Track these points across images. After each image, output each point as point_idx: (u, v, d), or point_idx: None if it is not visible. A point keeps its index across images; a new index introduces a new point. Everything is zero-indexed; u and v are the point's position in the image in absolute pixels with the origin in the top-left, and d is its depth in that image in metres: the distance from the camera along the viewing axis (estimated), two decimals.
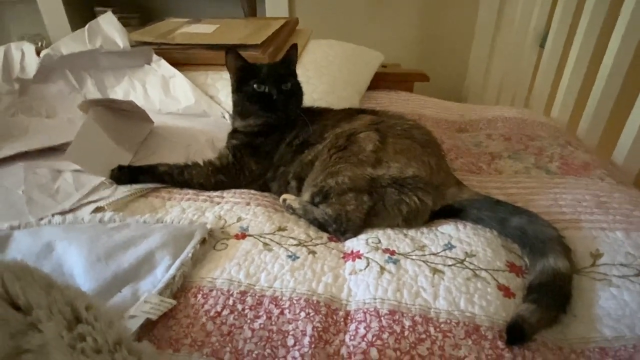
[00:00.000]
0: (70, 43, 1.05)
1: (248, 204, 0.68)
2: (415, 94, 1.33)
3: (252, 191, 0.73)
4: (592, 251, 0.57)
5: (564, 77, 1.19)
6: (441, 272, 0.53)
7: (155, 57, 1.05)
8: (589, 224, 0.62)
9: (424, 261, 0.55)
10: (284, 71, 0.76)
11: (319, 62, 1.13)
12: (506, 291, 0.51)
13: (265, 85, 0.72)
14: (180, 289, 0.50)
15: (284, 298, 0.50)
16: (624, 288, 0.51)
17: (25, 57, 1.07)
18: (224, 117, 1.00)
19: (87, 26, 1.07)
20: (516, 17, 1.50)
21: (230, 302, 0.49)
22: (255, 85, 0.73)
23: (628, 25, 0.93)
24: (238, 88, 0.76)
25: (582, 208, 0.66)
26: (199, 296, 0.50)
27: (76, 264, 0.50)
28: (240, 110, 0.78)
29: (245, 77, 0.74)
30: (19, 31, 2.03)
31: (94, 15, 1.80)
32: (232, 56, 0.74)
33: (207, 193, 0.72)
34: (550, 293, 0.49)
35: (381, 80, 1.28)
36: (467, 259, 0.56)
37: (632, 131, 0.89)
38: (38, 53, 1.07)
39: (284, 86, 0.73)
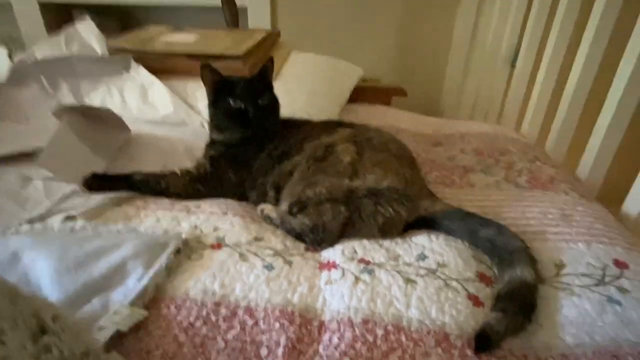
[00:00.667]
0: (45, 48, 1.03)
1: (225, 213, 0.68)
2: (393, 107, 1.37)
3: (230, 201, 0.73)
4: (556, 262, 0.59)
5: (533, 94, 1.25)
6: (414, 282, 0.55)
7: (134, 64, 1.05)
8: (553, 236, 0.65)
9: (397, 271, 0.57)
10: (260, 85, 0.76)
11: (300, 74, 1.15)
12: (475, 300, 0.53)
13: (242, 102, 0.73)
14: (152, 299, 0.50)
15: (258, 309, 0.50)
16: (585, 297, 0.53)
17: None
18: (203, 126, 0.99)
19: (64, 31, 1.05)
20: (489, 36, 1.57)
21: (204, 313, 0.49)
22: (231, 101, 0.73)
23: (591, 46, 0.99)
24: (214, 103, 0.77)
25: (547, 220, 0.69)
26: (172, 307, 0.49)
27: (44, 274, 0.49)
28: (216, 124, 0.78)
29: (221, 91, 0.75)
30: None
31: (72, 20, 1.78)
32: (208, 70, 0.74)
33: (183, 202, 0.71)
34: (517, 302, 0.51)
35: (361, 94, 1.30)
36: (439, 269, 0.57)
37: (594, 147, 0.94)
38: (10, 57, 1.05)
39: (260, 101, 0.74)
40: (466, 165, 0.93)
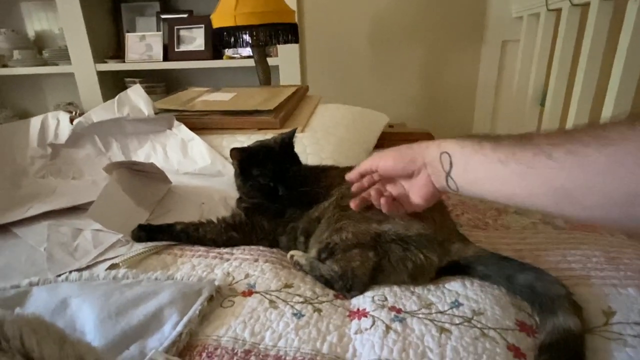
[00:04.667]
0: (100, 112, 1.16)
1: (256, 260, 0.70)
2: None
3: (261, 247, 0.75)
4: (604, 309, 0.55)
5: None
6: (448, 331, 0.52)
7: (176, 122, 1.15)
8: (599, 281, 0.61)
9: (430, 320, 0.55)
10: (286, 158, 0.78)
11: (327, 124, 1.20)
12: (516, 352, 0.50)
13: (270, 179, 0.74)
14: (186, 346, 0.51)
15: (287, 358, 0.49)
16: None
17: (60, 124, 1.18)
18: None
19: (117, 97, 1.18)
20: (515, 77, 1.58)
21: None
22: (260, 180, 0.75)
23: (621, 81, 0.97)
24: (242, 177, 0.79)
25: (591, 264, 0.65)
26: (204, 354, 0.50)
27: (88, 320, 0.52)
28: (245, 193, 0.80)
29: (249, 167, 0.77)
30: (55, 100, 2.24)
31: (124, 85, 2.00)
32: (235, 151, 0.77)
33: (217, 250, 0.74)
34: (562, 354, 0.48)
35: (387, 140, 1.33)
36: (475, 317, 0.55)
37: None
38: (72, 121, 1.18)
39: (287, 175, 0.75)
40: (499, 207, 0.91)
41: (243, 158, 0.78)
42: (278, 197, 0.75)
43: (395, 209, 0.61)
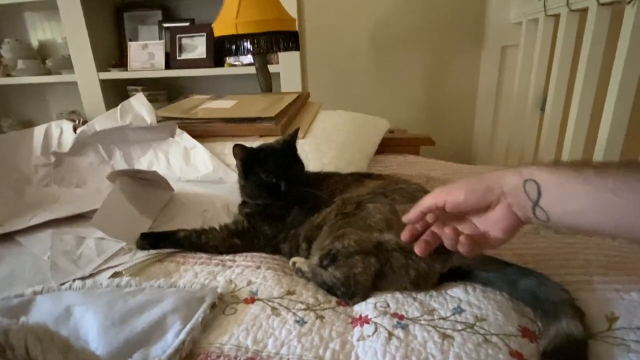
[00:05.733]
0: (103, 120, 1.16)
1: (259, 267, 0.70)
2: (422, 156, 1.38)
3: (263, 254, 0.75)
4: (607, 314, 0.55)
5: (567, 137, 1.22)
6: (451, 338, 0.52)
7: (178, 130, 1.15)
8: (602, 286, 0.61)
9: (433, 326, 0.55)
10: (288, 157, 0.81)
11: (328, 130, 1.21)
12: (519, 357, 0.49)
13: (273, 176, 0.76)
14: (189, 354, 0.51)
15: None
16: None
17: (64, 133, 1.19)
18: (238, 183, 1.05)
19: (120, 105, 1.19)
20: (515, 82, 1.59)
21: None
22: (263, 176, 0.77)
23: (621, 84, 0.98)
24: (245, 176, 0.81)
25: (594, 269, 0.65)
26: None
27: (91, 328, 0.52)
28: (248, 193, 0.82)
29: (251, 166, 0.79)
30: (59, 108, 2.26)
31: (127, 93, 2.01)
32: (239, 148, 0.79)
33: (219, 257, 0.74)
34: (565, 359, 0.48)
35: (388, 145, 1.34)
36: (478, 324, 0.55)
37: None
38: (75, 129, 1.19)
39: (289, 172, 0.77)
40: None
41: (246, 155, 0.80)
42: (280, 194, 0.75)
43: (474, 248, 0.53)
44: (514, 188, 0.48)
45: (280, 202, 0.77)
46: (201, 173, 1.09)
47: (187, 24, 2.04)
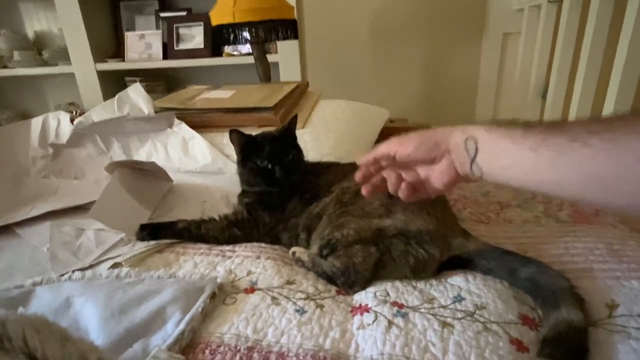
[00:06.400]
0: (100, 112, 1.16)
1: (258, 257, 0.70)
2: None
3: (263, 244, 0.75)
4: (607, 302, 0.55)
5: None
6: (450, 326, 0.52)
7: (176, 121, 1.14)
8: (602, 273, 0.61)
9: (433, 314, 0.55)
10: (285, 143, 0.81)
11: (328, 120, 1.20)
12: (519, 345, 0.50)
13: (268, 161, 0.77)
14: (189, 344, 0.51)
15: (290, 354, 0.49)
16: None
17: (61, 124, 1.18)
18: (237, 174, 1.05)
19: (117, 96, 1.18)
20: (516, 70, 1.57)
21: (237, 358, 0.49)
22: (258, 162, 0.78)
23: (624, 71, 0.96)
24: (242, 162, 0.82)
25: (594, 257, 0.65)
26: (207, 352, 0.50)
27: (91, 319, 0.52)
28: (245, 180, 0.83)
29: (248, 152, 0.80)
30: (56, 100, 2.24)
31: (124, 84, 1.99)
32: (235, 133, 0.80)
33: (219, 247, 0.74)
34: (566, 347, 0.48)
35: (388, 135, 1.33)
36: (478, 312, 0.55)
37: None
38: (72, 121, 1.18)
39: (285, 159, 0.78)
40: (501, 200, 0.90)
41: (242, 142, 0.80)
42: (276, 180, 0.76)
43: (414, 196, 0.59)
44: (457, 144, 0.51)
45: (276, 189, 0.77)
46: (200, 164, 1.08)
47: (184, 13, 2.01)
